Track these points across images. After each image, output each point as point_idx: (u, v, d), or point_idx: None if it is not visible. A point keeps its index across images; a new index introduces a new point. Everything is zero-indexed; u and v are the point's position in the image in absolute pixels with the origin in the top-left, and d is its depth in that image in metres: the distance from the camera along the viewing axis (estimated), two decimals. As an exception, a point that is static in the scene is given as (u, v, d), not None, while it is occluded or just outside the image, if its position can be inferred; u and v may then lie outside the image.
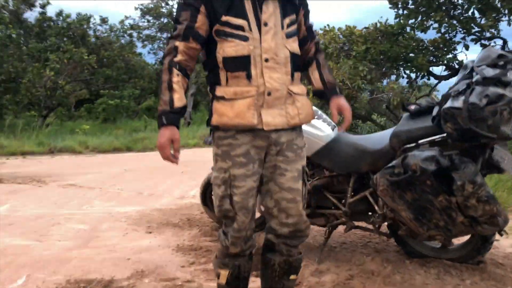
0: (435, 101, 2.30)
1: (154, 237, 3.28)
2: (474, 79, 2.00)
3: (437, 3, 6.33)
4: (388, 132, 2.44)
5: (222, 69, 1.62)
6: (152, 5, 19.43)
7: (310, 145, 2.52)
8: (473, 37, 6.80)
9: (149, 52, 21.35)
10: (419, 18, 6.60)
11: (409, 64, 6.84)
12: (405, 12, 6.71)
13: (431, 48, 7.01)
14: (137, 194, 4.97)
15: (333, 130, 2.62)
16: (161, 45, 20.99)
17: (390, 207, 2.24)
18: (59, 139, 12.79)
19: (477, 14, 6.25)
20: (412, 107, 2.34)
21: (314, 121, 2.58)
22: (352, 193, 2.55)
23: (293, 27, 1.72)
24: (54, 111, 16.15)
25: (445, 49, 7.04)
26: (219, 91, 1.64)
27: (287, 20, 1.69)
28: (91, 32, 17.41)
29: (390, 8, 6.74)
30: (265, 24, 1.63)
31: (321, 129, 2.58)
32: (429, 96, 2.23)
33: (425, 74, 7.14)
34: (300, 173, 1.72)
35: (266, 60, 1.62)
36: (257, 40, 1.61)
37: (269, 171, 1.70)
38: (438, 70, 7.73)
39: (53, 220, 3.74)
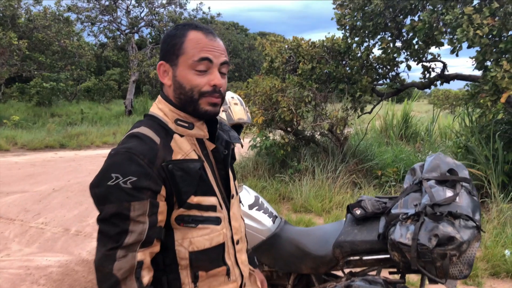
0: (381, 207, 2.17)
1: (75, 314, 2.97)
2: (422, 203, 1.88)
3: (382, 26, 6.28)
4: (332, 230, 2.28)
5: (187, 267, 1.15)
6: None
7: (250, 238, 2.33)
8: (416, 58, 6.88)
9: (88, 34, 20.01)
10: (365, 43, 6.56)
11: (353, 85, 6.81)
12: (353, 31, 6.64)
13: (375, 65, 7.04)
14: (62, 233, 4.55)
15: (274, 222, 2.42)
16: (101, 28, 19.83)
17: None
18: (-17, 132, 11.74)
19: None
20: (358, 211, 2.19)
21: (254, 213, 2.39)
22: (291, 290, 2.39)
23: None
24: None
25: (389, 67, 7.10)
26: None
27: (235, 182, 1.39)
28: (22, 12, 15.99)
29: (338, 29, 6.63)
30: (232, 196, 1.31)
31: (261, 222, 2.37)
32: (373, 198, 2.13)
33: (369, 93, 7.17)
34: None
35: (237, 243, 1.29)
36: (227, 219, 1.25)
37: None
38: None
39: (-41, 284, 3.30)
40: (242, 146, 1.64)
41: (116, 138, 12.83)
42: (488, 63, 5.03)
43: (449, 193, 1.91)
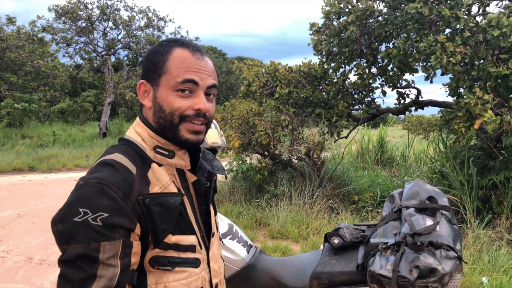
0: (359, 236, 2.09)
1: None
2: (402, 232, 1.81)
3: (358, 53, 6.36)
4: (309, 260, 2.18)
5: None
6: (70, 5, 17.99)
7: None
8: (391, 84, 6.99)
9: (64, 55, 19.68)
10: (341, 69, 6.64)
11: (330, 109, 6.83)
12: (330, 57, 6.71)
13: (351, 90, 7.10)
14: (25, 261, 4.29)
15: (248, 251, 2.31)
16: (77, 49, 19.57)
17: None
18: None
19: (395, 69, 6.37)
20: (336, 240, 2.11)
21: (228, 242, 2.27)
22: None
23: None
24: None
25: (364, 92, 7.18)
26: None
27: (216, 219, 1.25)
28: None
29: (314, 55, 6.69)
30: (213, 234, 1.17)
31: (235, 252, 2.25)
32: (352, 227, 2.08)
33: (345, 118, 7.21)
34: None
35: (216, 287, 1.16)
36: (205, 261, 1.11)
37: None
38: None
39: None
40: (226, 177, 1.53)
41: (89, 161, 12.49)
42: (461, 90, 5.12)
43: (429, 221, 1.85)
